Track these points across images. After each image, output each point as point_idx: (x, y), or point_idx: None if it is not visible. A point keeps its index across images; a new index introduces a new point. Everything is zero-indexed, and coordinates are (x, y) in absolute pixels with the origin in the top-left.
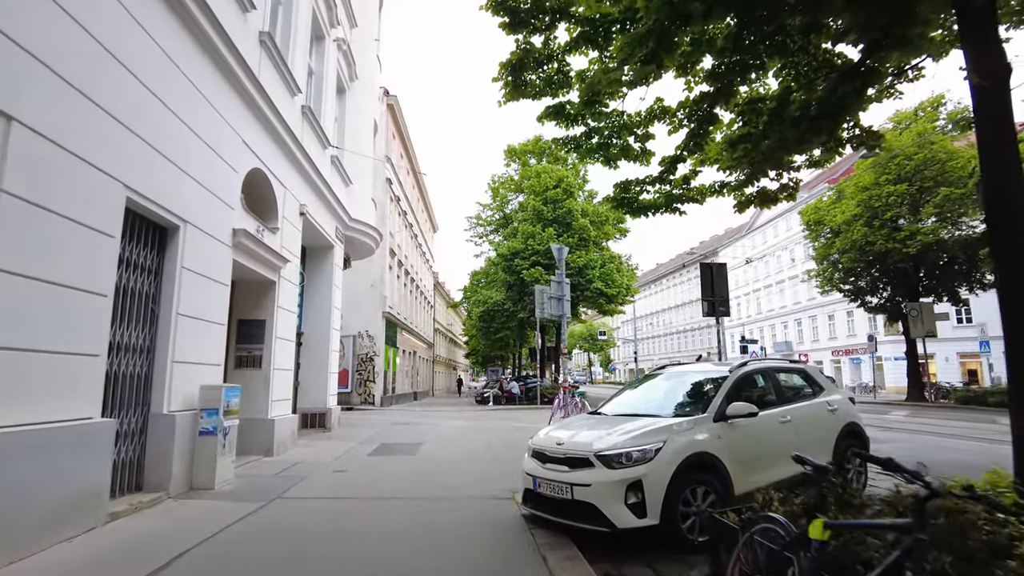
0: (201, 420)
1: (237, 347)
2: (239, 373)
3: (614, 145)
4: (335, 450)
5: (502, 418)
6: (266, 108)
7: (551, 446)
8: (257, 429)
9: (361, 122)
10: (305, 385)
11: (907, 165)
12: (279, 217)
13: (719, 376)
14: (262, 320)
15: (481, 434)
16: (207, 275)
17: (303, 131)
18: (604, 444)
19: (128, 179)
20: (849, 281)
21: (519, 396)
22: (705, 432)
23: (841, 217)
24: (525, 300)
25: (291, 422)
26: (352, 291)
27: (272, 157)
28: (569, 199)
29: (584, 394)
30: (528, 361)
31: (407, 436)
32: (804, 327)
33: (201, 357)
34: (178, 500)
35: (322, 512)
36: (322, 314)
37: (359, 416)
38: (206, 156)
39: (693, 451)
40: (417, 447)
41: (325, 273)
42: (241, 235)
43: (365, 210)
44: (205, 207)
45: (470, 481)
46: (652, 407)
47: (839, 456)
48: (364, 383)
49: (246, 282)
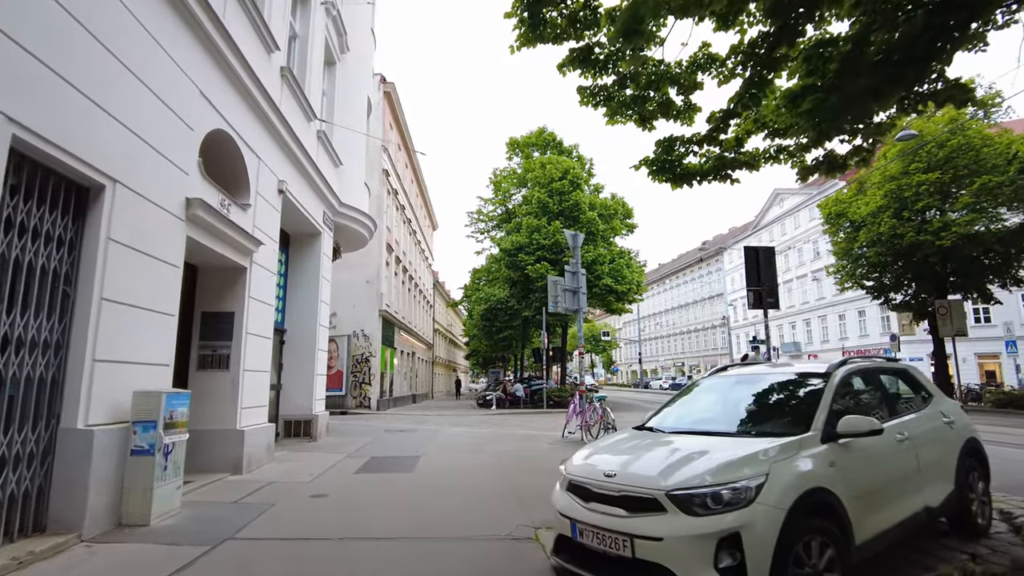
0: (134, 436)
1: (200, 344)
2: (203, 376)
3: (651, 99)
4: (317, 465)
5: (509, 424)
6: (234, 60)
7: (596, 478)
8: (223, 442)
9: (353, 99)
10: (288, 389)
11: (938, 153)
12: (251, 192)
13: (811, 380)
14: (230, 313)
15: (487, 444)
16: (147, 252)
17: (282, 96)
18: (678, 478)
19: (12, 109)
20: (872, 277)
21: (523, 399)
22: (813, 458)
23: (865, 209)
24: (530, 297)
25: (266, 433)
26: (347, 288)
27: (241, 120)
28: (576, 191)
29: (604, 398)
30: (531, 362)
31: (403, 447)
32: (813, 327)
33: (137, 355)
34: (94, 545)
35: (282, 562)
36: (308, 309)
37: (352, 422)
38: (147, 102)
39: (806, 487)
40: (414, 462)
41: (311, 263)
42: (198, 206)
43: (357, 195)
44: (145, 166)
45: (478, 511)
46: (722, 422)
47: (962, 483)
48: (359, 385)
49: (211, 268)
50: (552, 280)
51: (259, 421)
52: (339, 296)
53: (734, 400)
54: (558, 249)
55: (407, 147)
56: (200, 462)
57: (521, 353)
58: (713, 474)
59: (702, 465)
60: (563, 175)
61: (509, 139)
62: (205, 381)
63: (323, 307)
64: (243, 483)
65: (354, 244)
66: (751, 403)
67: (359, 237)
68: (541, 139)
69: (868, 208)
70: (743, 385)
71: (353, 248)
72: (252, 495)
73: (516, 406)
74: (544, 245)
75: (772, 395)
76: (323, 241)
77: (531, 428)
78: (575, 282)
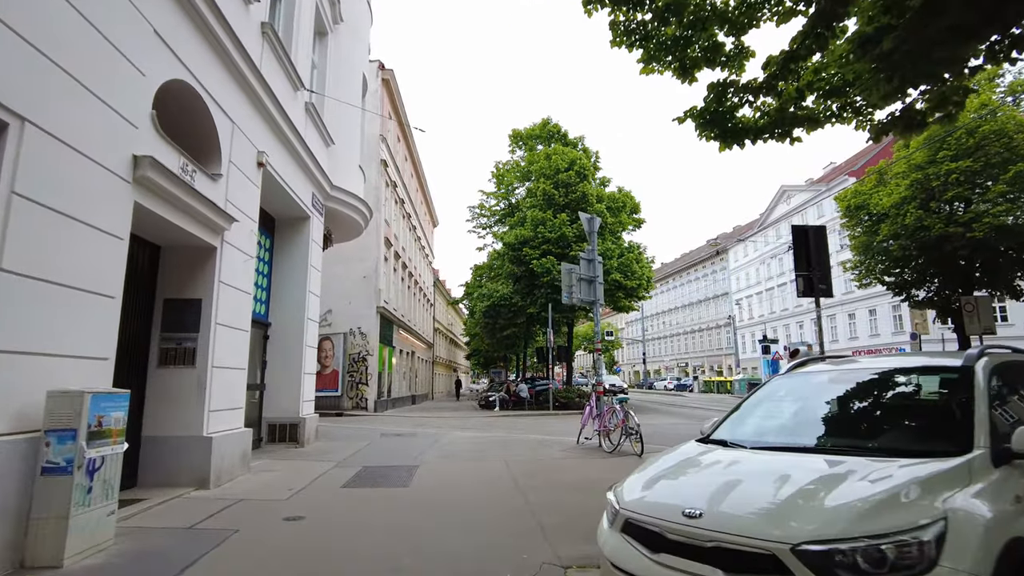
0: (46, 449)
1: (162, 336)
2: (164, 374)
3: (695, 41)
4: (300, 477)
5: (516, 427)
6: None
7: (672, 518)
8: (186, 451)
9: (347, 76)
10: (272, 389)
11: (968, 140)
12: (223, 160)
13: (942, 376)
14: (197, 300)
15: (495, 450)
16: (73, 215)
17: (263, 56)
18: (806, 524)
19: None
20: (894, 272)
21: (528, 400)
22: (993, 491)
23: (888, 200)
24: (535, 293)
25: (240, 440)
26: (343, 283)
27: (210, 74)
28: (583, 183)
29: (627, 400)
30: (533, 362)
31: (400, 454)
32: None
33: (56, 345)
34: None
35: None
36: (295, 300)
37: (347, 425)
38: (76, 29)
39: (1005, 538)
40: (411, 473)
41: (299, 250)
42: (148, 167)
43: (351, 179)
44: (72, 108)
45: (488, 540)
46: (828, 434)
47: None
48: (356, 386)
49: (175, 247)
50: (566, 268)
51: (232, 426)
52: (335, 291)
53: (834, 404)
54: (565, 243)
55: (406, 139)
56: (159, 476)
57: (524, 353)
58: (859, 518)
59: (835, 502)
60: (569, 166)
61: (512, 131)
62: (167, 379)
63: (312, 299)
64: (207, 501)
65: (348, 232)
66: (862, 409)
67: (353, 224)
68: (545, 131)
69: (891, 199)
70: (840, 384)
71: (347, 237)
72: (213, 518)
73: (520, 407)
74: (550, 239)
75: (888, 397)
76: (312, 226)
77: (540, 432)
78: (591, 270)
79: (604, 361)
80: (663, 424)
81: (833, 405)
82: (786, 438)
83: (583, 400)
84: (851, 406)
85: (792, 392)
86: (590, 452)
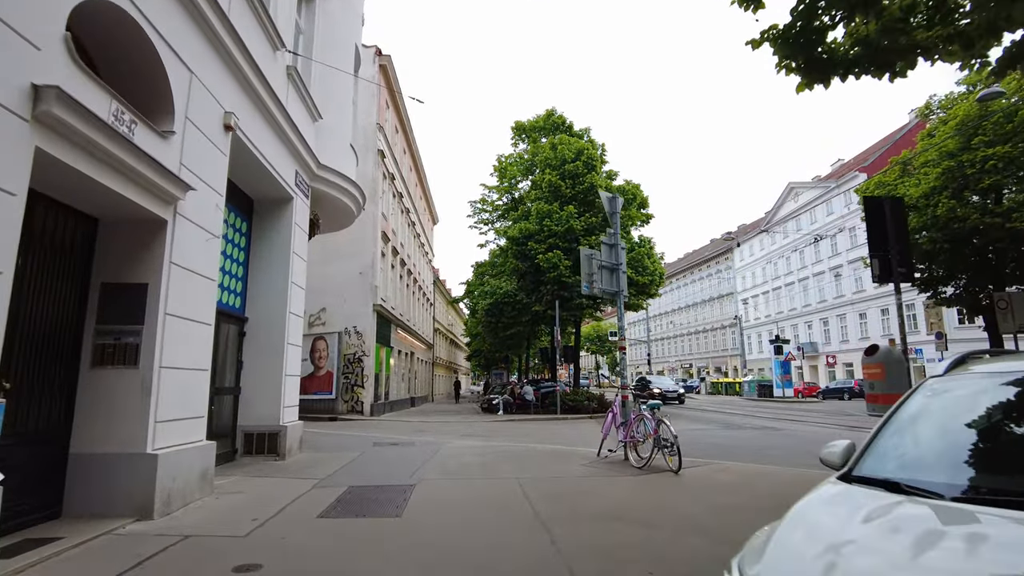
0: None
1: (98, 330)
2: (99, 375)
3: None
4: (271, 502)
5: (524, 435)
6: None
7: None
8: (125, 472)
9: (337, 46)
10: (249, 393)
11: (1006, 125)
12: (175, 115)
13: None
14: (141, 285)
15: (503, 464)
16: None
17: (231, 2)
18: None
19: None
20: (919, 268)
21: (533, 403)
22: None
23: (916, 191)
24: (541, 290)
25: (200, 456)
26: (337, 279)
27: (155, 4)
28: (591, 173)
29: (658, 406)
30: (536, 363)
31: (394, 470)
32: (831, 326)
33: None
34: None
35: None
36: (275, 292)
37: (339, 431)
38: None
39: None
40: (405, 496)
41: (280, 235)
42: (56, 101)
43: (342, 158)
44: None
45: None
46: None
47: None
48: (351, 388)
49: (116, 221)
50: (586, 254)
51: (188, 439)
52: (328, 288)
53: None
54: (572, 236)
55: (405, 129)
56: (90, 503)
57: (527, 353)
58: None
59: None
60: (576, 156)
61: (515, 123)
62: (103, 382)
63: (295, 291)
64: (141, 539)
65: (338, 219)
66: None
67: (344, 210)
68: (550, 123)
69: (919, 190)
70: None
71: (337, 225)
72: (139, 567)
73: (525, 411)
74: (556, 232)
75: None
76: (296, 208)
77: (553, 441)
78: (614, 256)
79: (608, 362)
80: (686, 430)
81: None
82: (995, 479)
83: (592, 403)
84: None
85: (975, 403)
86: (616, 467)
